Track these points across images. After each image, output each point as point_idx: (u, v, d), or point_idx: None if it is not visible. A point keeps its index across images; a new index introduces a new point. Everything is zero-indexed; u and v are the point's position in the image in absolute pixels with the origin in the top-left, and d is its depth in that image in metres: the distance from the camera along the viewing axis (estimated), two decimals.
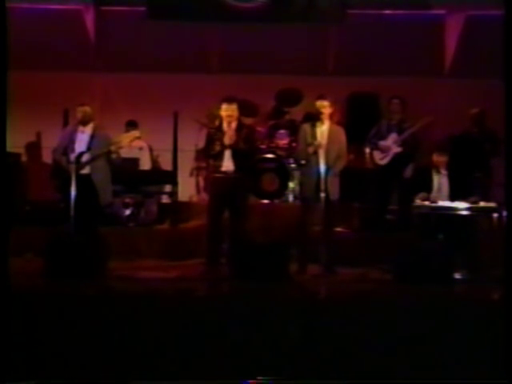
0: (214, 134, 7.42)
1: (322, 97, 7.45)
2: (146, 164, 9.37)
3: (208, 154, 7.54)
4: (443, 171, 7.78)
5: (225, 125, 7.37)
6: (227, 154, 7.33)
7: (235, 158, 7.32)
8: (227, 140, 7.29)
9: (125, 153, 8.36)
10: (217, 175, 7.39)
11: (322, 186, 7.13)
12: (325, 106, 7.41)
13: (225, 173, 7.33)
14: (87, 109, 7.77)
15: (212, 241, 7.39)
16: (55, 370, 4.76)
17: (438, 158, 7.80)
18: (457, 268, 7.10)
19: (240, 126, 7.41)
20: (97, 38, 10.39)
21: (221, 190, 7.35)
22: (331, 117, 7.50)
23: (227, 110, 7.33)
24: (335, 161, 7.38)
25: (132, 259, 8.08)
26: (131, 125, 9.28)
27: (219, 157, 7.34)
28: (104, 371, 4.83)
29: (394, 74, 10.02)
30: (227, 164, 7.34)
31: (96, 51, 10.42)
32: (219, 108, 7.40)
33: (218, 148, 7.33)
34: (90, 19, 10.26)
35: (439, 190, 7.74)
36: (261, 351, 5.04)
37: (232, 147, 7.30)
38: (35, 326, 5.27)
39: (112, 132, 8.11)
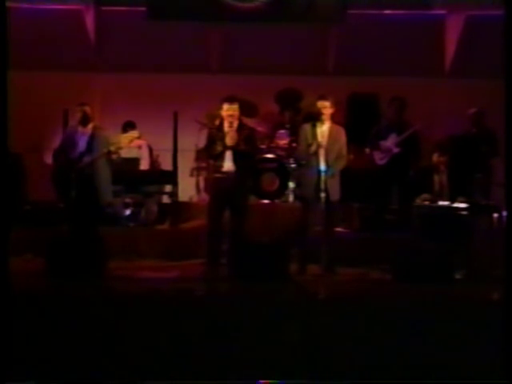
0: (216, 134, 7.40)
1: (323, 97, 7.44)
2: (145, 162, 9.37)
3: (209, 155, 7.52)
4: (443, 171, 7.78)
5: (226, 125, 7.34)
6: (228, 154, 7.31)
7: (236, 158, 7.31)
8: (229, 140, 7.28)
9: (124, 153, 8.37)
10: (218, 175, 7.38)
11: (322, 186, 7.13)
12: (326, 107, 7.40)
13: (226, 173, 7.32)
14: (87, 108, 7.79)
15: (212, 241, 7.38)
16: (55, 370, 4.76)
17: (438, 159, 7.81)
18: (457, 268, 7.11)
19: (241, 126, 7.39)
20: (97, 38, 10.39)
21: (222, 191, 7.34)
22: (332, 117, 7.49)
23: (228, 110, 7.30)
24: (335, 161, 7.39)
25: (132, 259, 8.08)
26: (129, 125, 9.26)
27: (220, 157, 7.33)
28: (104, 371, 4.83)
29: (394, 74, 10.02)
30: (228, 164, 7.32)
31: (96, 51, 10.42)
32: (220, 108, 7.38)
33: (219, 148, 7.31)
34: (90, 19, 10.26)
35: (439, 190, 7.75)
36: (261, 351, 5.04)
37: (233, 147, 7.29)
38: (35, 326, 5.27)
39: (112, 132, 8.11)
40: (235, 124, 7.30)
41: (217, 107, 7.53)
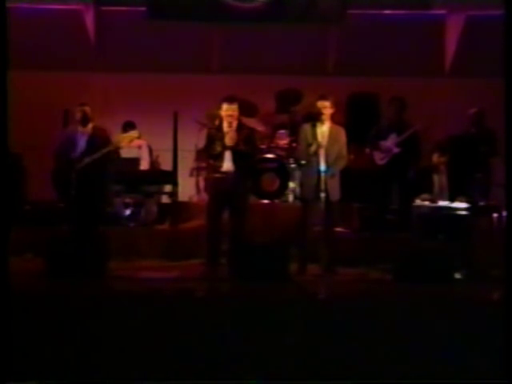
0: (215, 134, 7.41)
1: (323, 97, 7.43)
2: (145, 162, 9.37)
3: (208, 155, 7.52)
4: (443, 171, 7.78)
5: (225, 125, 7.34)
6: (228, 154, 7.31)
7: (236, 158, 7.31)
8: (228, 140, 7.28)
9: (124, 153, 8.37)
10: (217, 175, 7.38)
11: (322, 186, 7.13)
12: (326, 107, 7.39)
13: (225, 173, 7.32)
14: (87, 108, 7.80)
15: (211, 241, 7.38)
16: (55, 370, 4.76)
17: (438, 159, 7.81)
18: (457, 268, 7.11)
19: (240, 126, 7.39)
20: (97, 38, 10.39)
21: (221, 191, 7.34)
22: (332, 117, 7.49)
23: (228, 110, 7.30)
24: (335, 161, 7.38)
25: (132, 259, 8.08)
26: (129, 125, 9.26)
27: (220, 157, 7.33)
28: (104, 371, 4.83)
29: (393, 74, 10.02)
30: (228, 164, 7.32)
31: (96, 51, 10.43)
32: (219, 108, 7.38)
33: (218, 148, 7.31)
34: (89, 19, 10.27)
35: (439, 190, 7.75)
36: (261, 351, 5.04)
37: (233, 147, 7.29)
38: (35, 326, 5.27)
39: (112, 132, 8.11)
40: (234, 124, 7.30)
41: (216, 107, 7.53)
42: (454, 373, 4.74)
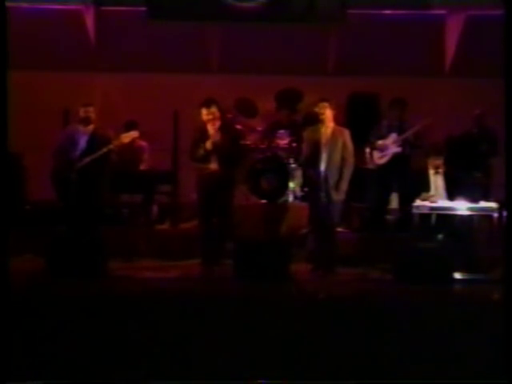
0: (199, 137, 7.47)
1: (323, 99, 7.44)
2: (145, 162, 9.36)
3: (193, 158, 7.54)
4: (443, 171, 7.78)
5: (209, 127, 7.42)
6: (213, 154, 7.37)
7: (221, 158, 7.36)
8: (212, 142, 7.34)
9: (125, 153, 8.36)
10: (203, 176, 7.43)
11: (323, 187, 7.14)
12: (326, 107, 7.40)
13: (209, 173, 7.37)
14: (91, 109, 7.82)
15: (203, 240, 7.49)
16: (55, 370, 4.77)
17: (434, 161, 7.80)
18: (457, 268, 7.11)
19: (225, 127, 7.46)
20: (97, 38, 10.39)
21: (207, 190, 7.39)
22: (334, 118, 7.49)
23: (208, 115, 7.41)
24: (341, 167, 7.36)
25: (132, 259, 8.08)
26: (130, 125, 9.25)
27: (205, 158, 7.39)
28: (104, 371, 4.83)
29: (394, 73, 10.02)
30: (213, 165, 7.38)
31: (96, 51, 10.43)
32: (200, 113, 7.43)
33: (201, 151, 7.38)
34: (90, 19, 10.27)
35: (438, 190, 7.75)
36: (260, 351, 5.05)
37: (217, 147, 7.34)
38: (35, 326, 5.28)
39: (112, 132, 8.11)
40: (217, 125, 7.39)
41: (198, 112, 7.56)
42: (454, 372, 4.74)
